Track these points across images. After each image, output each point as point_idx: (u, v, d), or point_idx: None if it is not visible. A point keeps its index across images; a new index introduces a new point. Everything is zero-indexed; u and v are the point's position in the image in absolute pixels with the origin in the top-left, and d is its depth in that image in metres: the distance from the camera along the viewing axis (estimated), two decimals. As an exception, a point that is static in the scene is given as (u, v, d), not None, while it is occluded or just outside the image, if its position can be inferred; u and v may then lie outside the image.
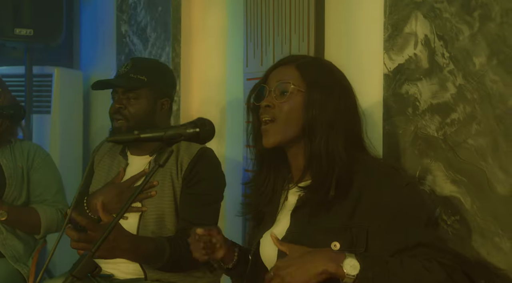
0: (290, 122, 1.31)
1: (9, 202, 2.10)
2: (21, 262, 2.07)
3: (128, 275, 1.79)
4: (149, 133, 1.35)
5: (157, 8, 2.75)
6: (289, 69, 1.35)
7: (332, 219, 1.23)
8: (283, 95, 1.32)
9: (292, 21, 2.00)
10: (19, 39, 2.95)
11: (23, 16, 2.97)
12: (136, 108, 1.83)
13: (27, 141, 2.31)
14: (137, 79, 1.84)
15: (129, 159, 1.89)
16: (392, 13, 1.55)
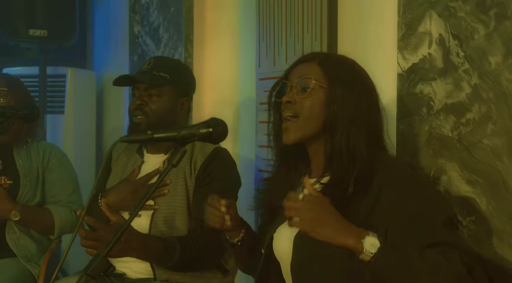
0: (311, 118, 1.31)
1: (23, 202, 2.11)
2: (32, 262, 2.08)
3: (139, 274, 1.80)
4: (162, 134, 1.36)
5: (170, 9, 2.76)
6: (311, 65, 1.35)
7: (350, 217, 1.22)
8: (305, 91, 1.32)
9: (305, 21, 2.00)
10: (33, 40, 2.98)
11: (37, 17, 3.00)
12: (157, 106, 1.84)
13: (44, 141, 2.32)
14: (160, 77, 1.84)
15: (145, 157, 1.91)
16: (406, 12, 1.54)
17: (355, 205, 1.24)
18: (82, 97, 3.28)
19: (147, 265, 1.77)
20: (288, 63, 2.08)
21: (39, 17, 3.00)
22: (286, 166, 1.42)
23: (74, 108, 3.23)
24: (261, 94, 2.26)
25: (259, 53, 2.26)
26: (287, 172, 1.41)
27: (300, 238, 1.29)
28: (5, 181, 2.12)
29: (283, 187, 1.39)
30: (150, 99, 1.84)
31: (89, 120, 3.33)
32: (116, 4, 3.37)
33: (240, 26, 2.45)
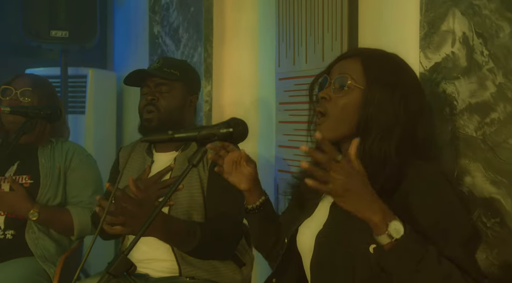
0: (344, 118, 1.27)
1: (44, 202, 2.12)
2: (49, 262, 2.08)
3: (162, 273, 1.80)
4: (183, 133, 1.36)
5: (189, 9, 2.77)
6: (353, 62, 1.31)
7: None
8: (341, 89, 1.29)
9: (325, 20, 1.99)
10: (55, 41, 3.01)
11: (59, 19, 3.03)
12: (168, 101, 1.87)
13: (69, 142, 2.30)
14: (171, 73, 1.88)
15: (154, 156, 1.93)
16: (428, 10, 1.52)
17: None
18: (103, 97, 3.31)
19: (170, 263, 1.78)
20: (309, 63, 2.08)
21: (61, 19, 3.03)
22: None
23: (95, 108, 3.26)
24: (280, 94, 2.25)
25: (278, 53, 2.25)
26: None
27: (322, 236, 1.28)
28: (26, 180, 2.13)
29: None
30: (161, 95, 1.87)
31: (109, 120, 3.36)
32: (136, 5, 3.40)
33: (259, 26, 2.44)
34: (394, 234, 1.10)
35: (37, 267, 2.05)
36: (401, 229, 1.11)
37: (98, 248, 1.58)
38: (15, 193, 2.04)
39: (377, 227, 1.11)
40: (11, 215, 2.09)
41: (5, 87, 2.16)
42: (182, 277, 1.78)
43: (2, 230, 2.08)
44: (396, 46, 1.66)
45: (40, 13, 3.01)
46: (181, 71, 1.91)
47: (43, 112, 1.78)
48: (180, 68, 1.92)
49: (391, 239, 1.10)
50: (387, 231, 1.10)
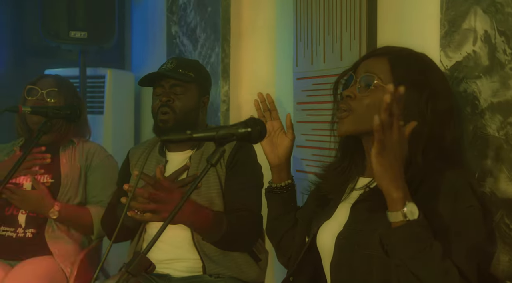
0: (367, 116, 1.25)
1: (64, 201, 2.14)
2: (67, 261, 2.10)
3: (184, 272, 1.81)
4: (201, 133, 1.36)
5: (207, 9, 2.77)
6: (380, 61, 1.30)
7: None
8: (367, 88, 1.28)
9: (343, 19, 1.97)
10: (74, 42, 3.04)
11: (78, 20, 3.06)
12: (183, 103, 1.88)
13: (91, 142, 2.33)
14: (186, 74, 1.89)
15: (168, 156, 1.93)
16: (449, 9, 1.50)
17: None
18: (121, 97, 3.34)
19: (193, 261, 1.79)
20: (327, 62, 2.07)
21: (80, 20, 3.06)
22: (342, 155, 1.40)
23: (113, 108, 3.28)
24: (298, 94, 2.24)
25: (296, 53, 2.24)
26: (342, 162, 1.39)
27: (342, 238, 1.27)
28: (47, 180, 2.16)
29: (339, 178, 1.37)
30: (176, 96, 1.88)
31: (127, 120, 3.38)
32: (153, 5, 3.41)
33: (277, 26, 2.43)
34: (409, 215, 1.09)
35: (55, 266, 2.07)
36: (416, 213, 1.10)
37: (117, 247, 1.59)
38: (37, 192, 2.07)
39: (395, 202, 1.10)
40: (32, 214, 2.12)
41: (31, 87, 2.19)
42: (206, 275, 1.78)
43: (22, 228, 2.11)
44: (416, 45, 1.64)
45: (59, 14, 3.04)
46: (195, 72, 1.93)
47: (63, 112, 1.80)
48: (194, 69, 1.94)
49: (404, 218, 1.09)
50: (402, 210, 1.09)
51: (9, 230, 2.11)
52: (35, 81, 2.21)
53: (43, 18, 3.03)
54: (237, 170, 1.84)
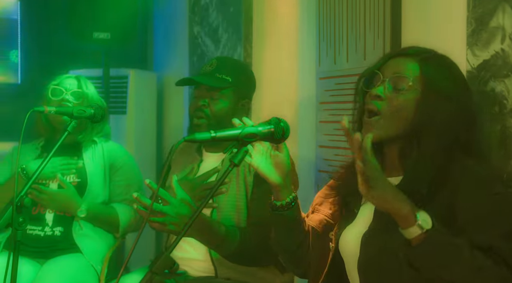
0: (397, 119, 1.24)
1: (90, 200, 2.18)
2: (96, 259, 2.13)
3: (200, 272, 1.82)
4: (224, 133, 1.35)
5: (229, 9, 2.77)
6: (409, 62, 1.27)
7: None
8: (397, 90, 1.26)
9: (367, 18, 1.95)
10: (97, 43, 3.07)
11: (101, 21, 3.09)
12: (218, 108, 1.86)
13: (111, 142, 2.37)
14: (222, 79, 1.87)
15: (204, 156, 1.94)
16: (476, 6, 1.47)
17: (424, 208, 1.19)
18: (143, 97, 3.36)
19: (208, 263, 1.79)
20: (350, 62, 2.05)
21: (103, 21, 3.09)
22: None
23: (136, 108, 3.31)
24: (321, 94, 2.23)
25: (319, 52, 2.23)
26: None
27: (369, 237, 1.26)
28: (74, 179, 2.20)
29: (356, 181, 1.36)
30: (212, 101, 1.86)
31: (149, 120, 3.41)
32: (175, 6, 3.43)
33: (299, 25, 2.42)
34: (424, 225, 1.08)
35: (84, 263, 2.10)
36: (429, 219, 1.08)
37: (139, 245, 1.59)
38: (64, 192, 2.11)
39: (406, 218, 1.08)
40: (60, 213, 2.15)
41: (55, 87, 2.22)
42: (219, 278, 1.79)
43: (50, 227, 2.15)
44: (442, 44, 1.62)
45: (83, 16, 3.08)
46: (234, 75, 1.88)
47: (88, 112, 1.81)
48: (234, 72, 1.89)
49: (422, 230, 1.07)
50: (416, 222, 1.07)
51: (37, 229, 2.14)
52: (58, 82, 2.24)
53: (67, 20, 3.07)
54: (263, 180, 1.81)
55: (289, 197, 1.42)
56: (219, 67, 1.88)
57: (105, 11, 3.09)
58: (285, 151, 1.40)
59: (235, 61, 2.09)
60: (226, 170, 1.30)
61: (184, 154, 1.98)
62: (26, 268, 2.04)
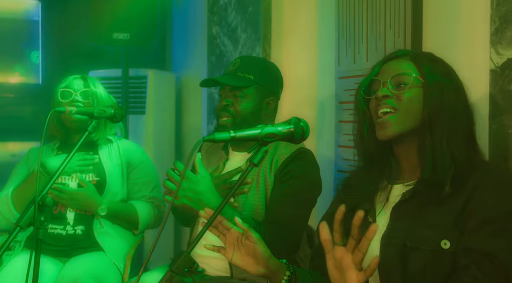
0: (411, 112, 1.27)
1: (109, 198, 2.20)
2: (118, 256, 2.16)
3: (217, 271, 1.82)
4: (244, 133, 1.35)
5: (248, 9, 2.77)
6: (404, 61, 1.32)
7: (442, 216, 1.18)
8: (400, 87, 1.29)
9: (387, 16, 1.93)
10: (116, 43, 3.09)
11: (120, 22, 3.11)
12: (242, 107, 1.86)
13: (125, 140, 2.41)
14: (244, 78, 1.87)
15: (230, 155, 1.95)
16: (500, 4, 1.45)
17: (447, 206, 1.20)
18: (162, 97, 3.38)
19: (225, 262, 1.79)
20: (369, 61, 2.03)
21: (122, 22, 3.11)
22: (368, 168, 1.37)
23: (155, 108, 3.33)
24: (340, 94, 2.22)
25: (338, 52, 2.22)
26: (368, 174, 1.36)
27: (391, 237, 1.26)
28: (93, 178, 2.22)
29: (363, 189, 1.34)
30: (235, 100, 1.86)
31: (168, 119, 3.43)
32: (194, 6, 3.44)
33: (318, 24, 2.41)
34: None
35: (106, 261, 2.11)
36: None
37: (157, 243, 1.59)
38: (84, 191, 2.13)
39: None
40: (81, 212, 2.17)
41: (64, 90, 2.24)
42: (234, 278, 1.78)
43: (72, 226, 2.17)
44: (465, 42, 1.60)
45: (103, 16, 3.10)
46: (257, 73, 1.88)
47: (108, 112, 1.83)
48: (256, 71, 1.89)
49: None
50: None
51: (58, 227, 2.17)
52: (67, 84, 2.26)
53: (87, 21, 3.10)
54: (286, 181, 1.78)
55: (284, 277, 1.30)
56: (242, 66, 1.88)
57: (125, 12, 3.11)
58: (255, 238, 1.28)
59: (259, 59, 2.08)
60: (246, 170, 1.30)
61: (211, 151, 2.01)
62: (48, 266, 2.07)
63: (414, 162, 1.29)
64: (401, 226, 1.25)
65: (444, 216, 1.18)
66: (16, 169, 2.30)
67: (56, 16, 3.77)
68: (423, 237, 1.18)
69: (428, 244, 1.17)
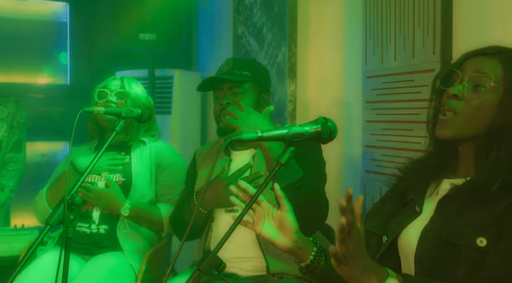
0: (474, 120, 1.21)
1: (135, 200, 2.21)
2: (137, 258, 2.15)
3: (249, 272, 1.81)
4: (271, 133, 1.34)
5: (273, 8, 2.76)
6: (491, 61, 1.23)
7: (484, 215, 1.16)
8: (477, 90, 1.22)
9: (416, 15, 1.90)
10: (143, 44, 3.12)
11: (147, 22, 3.13)
12: (243, 103, 1.87)
13: (160, 141, 2.40)
14: (242, 75, 1.91)
15: (232, 155, 1.96)
16: (533, 1, 1.41)
17: (491, 204, 1.17)
18: (188, 97, 3.40)
19: (257, 260, 1.79)
20: (398, 60, 2.00)
21: (149, 22, 3.13)
22: (434, 156, 1.34)
23: (181, 108, 3.35)
24: (367, 93, 2.19)
25: (365, 51, 2.19)
26: (433, 162, 1.33)
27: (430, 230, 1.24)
28: (119, 179, 2.23)
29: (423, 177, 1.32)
30: (235, 97, 1.89)
31: (194, 119, 3.44)
32: (220, 6, 3.45)
33: (345, 23, 2.39)
34: None
35: (123, 261, 2.12)
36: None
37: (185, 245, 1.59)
38: (110, 190, 2.15)
39: None
40: (106, 211, 2.19)
41: (101, 90, 2.26)
42: (270, 275, 1.77)
43: (96, 225, 2.19)
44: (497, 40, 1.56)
45: (129, 18, 3.13)
46: (251, 71, 1.93)
47: (135, 112, 1.84)
48: (250, 68, 1.94)
49: None
50: None
51: (84, 225, 2.20)
52: (105, 84, 2.28)
53: (114, 22, 3.13)
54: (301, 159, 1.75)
55: (312, 252, 1.31)
56: (236, 65, 1.93)
57: (151, 13, 3.14)
58: (287, 207, 1.31)
59: (249, 59, 2.16)
60: (272, 170, 1.29)
61: (211, 155, 2.01)
62: (72, 264, 2.09)
63: (471, 163, 1.26)
64: (442, 221, 1.23)
65: (486, 214, 1.15)
66: (57, 167, 2.37)
67: (83, 17, 3.83)
68: (460, 232, 1.16)
69: (464, 239, 1.15)
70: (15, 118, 2.84)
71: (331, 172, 1.86)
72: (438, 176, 1.32)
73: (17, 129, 2.84)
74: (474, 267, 1.14)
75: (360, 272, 1.09)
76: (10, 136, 2.83)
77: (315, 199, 1.66)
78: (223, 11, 3.37)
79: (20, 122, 2.85)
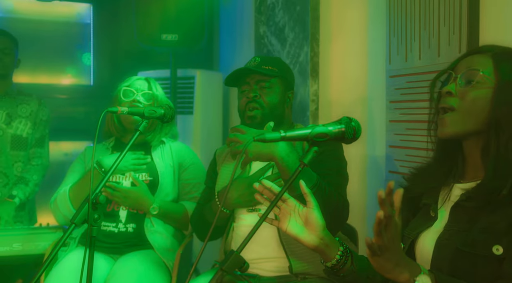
0: (472, 113, 1.21)
1: (161, 198, 2.24)
2: (168, 255, 2.18)
3: (272, 272, 1.80)
4: (294, 133, 1.33)
5: (295, 8, 2.75)
6: (482, 57, 1.25)
7: (497, 221, 1.14)
8: (469, 84, 1.23)
9: (441, 12, 1.87)
10: (165, 44, 3.13)
11: (169, 23, 3.15)
12: (271, 97, 1.90)
13: (177, 142, 2.44)
14: (270, 70, 1.91)
15: None
16: None
17: (504, 210, 1.16)
18: (210, 97, 3.41)
19: (280, 261, 1.78)
20: (422, 59, 1.98)
21: (171, 23, 3.15)
22: (441, 161, 1.33)
23: (202, 108, 3.35)
24: (391, 92, 2.16)
25: (389, 49, 2.17)
26: (439, 167, 1.33)
27: (444, 239, 1.23)
28: (146, 178, 2.26)
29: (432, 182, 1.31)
30: (263, 91, 1.90)
31: (216, 119, 3.45)
32: (241, 6, 3.45)
33: (369, 21, 2.36)
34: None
35: (156, 259, 2.14)
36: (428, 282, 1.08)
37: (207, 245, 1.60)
38: (137, 189, 2.17)
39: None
40: (133, 210, 2.21)
41: (126, 89, 2.28)
42: (293, 275, 1.77)
43: (123, 224, 2.22)
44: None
45: (152, 18, 3.15)
46: (278, 67, 1.94)
47: (158, 112, 1.85)
48: (277, 65, 1.95)
49: None
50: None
51: (111, 225, 2.22)
52: (129, 84, 2.30)
53: (137, 23, 3.15)
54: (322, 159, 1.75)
55: (339, 251, 1.30)
56: (263, 61, 1.94)
57: (173, 13, 3.15)
58: (314, 204, 1.30)
59: (275, 57, 2.14)
60: (296, 170, 1.28)
61: (228, 157, 2.01)
62: (101, 263, 2.12)
63: (478, 162, 1.24)
64: (456, 228, 1.22)
65: (499, 221, 1.14)
66: (73, 166, 2.37)
67: (106, 19, 3.87)
68: (475, 241, 1.15)
69: (480, 248, 1.14)
70: (38, 115, 2.92)
71: (355, 172, 1.85)
72: (447, 181, 1.31)
73: (40, 126, 2.92)
74: (491, 275, 1.12)
75: (393, 265, 1.09)
76: (34, 133, 2.90)
77: (333, 201, 1.65)
78: (244, 11, 3.37)
79: (43, 119, 2.94)
